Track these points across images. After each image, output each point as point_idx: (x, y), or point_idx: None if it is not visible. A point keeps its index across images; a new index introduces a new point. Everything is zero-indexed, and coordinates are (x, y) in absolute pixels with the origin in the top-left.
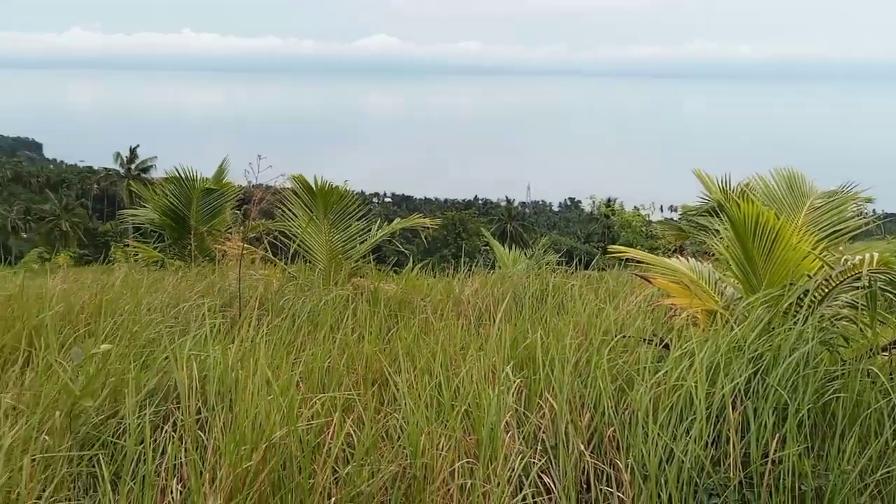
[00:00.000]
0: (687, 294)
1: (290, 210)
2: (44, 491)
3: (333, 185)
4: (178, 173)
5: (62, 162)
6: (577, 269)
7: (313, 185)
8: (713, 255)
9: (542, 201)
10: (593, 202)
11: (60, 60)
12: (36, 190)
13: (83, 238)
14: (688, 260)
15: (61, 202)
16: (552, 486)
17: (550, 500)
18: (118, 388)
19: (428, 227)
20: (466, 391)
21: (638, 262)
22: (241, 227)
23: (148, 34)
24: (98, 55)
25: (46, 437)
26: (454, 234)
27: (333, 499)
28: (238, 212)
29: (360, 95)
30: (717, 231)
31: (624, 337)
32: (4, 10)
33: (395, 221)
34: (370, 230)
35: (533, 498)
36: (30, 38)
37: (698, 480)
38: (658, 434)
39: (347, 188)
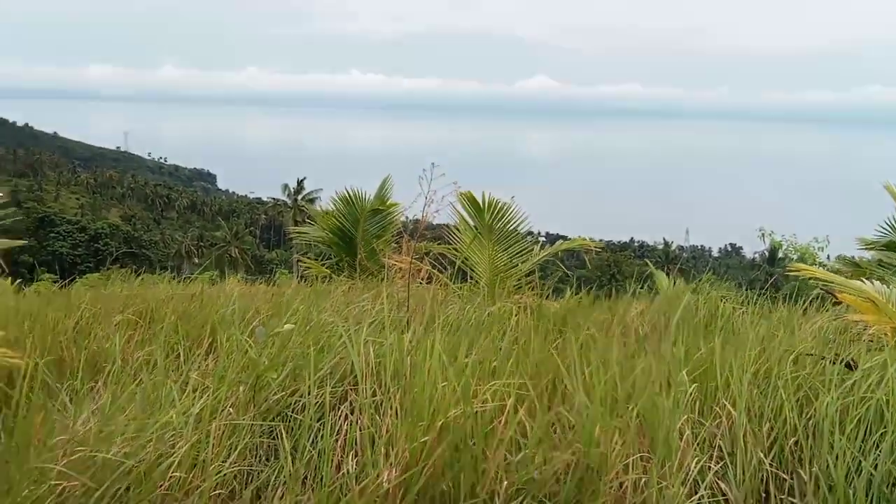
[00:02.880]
0: (875, 311)
1: (454, 230)
2: (228, 456)
3: (500, 202)
4: (348, 194)
5: (233, 193)
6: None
7: (480, 202)
8: None
9: (702, 246)
10: (762, 235)
11: (237, 97)
12: (209, 218)
13: (250, 264)
14: (872, 283)
15: (231, 230)
16: (728, 491)
17: None
18: (298, 368)
19: (592, 250)
20: (640, 393)
21: (820, 280)
22: (408, 244)
23: (318, 74)
24: (271, 93)
25: (231, 410)
26: (608, 275)
27: (505, 483)
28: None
29: (518, 135)
30: None
31: (807, 355)
32: (188, 49)
33: (557, 243)
34: (533, 250)
35: (708, 501)
36: (210, 76)
37: (889, 496)
38: (845, 446)
39: (513, 206)
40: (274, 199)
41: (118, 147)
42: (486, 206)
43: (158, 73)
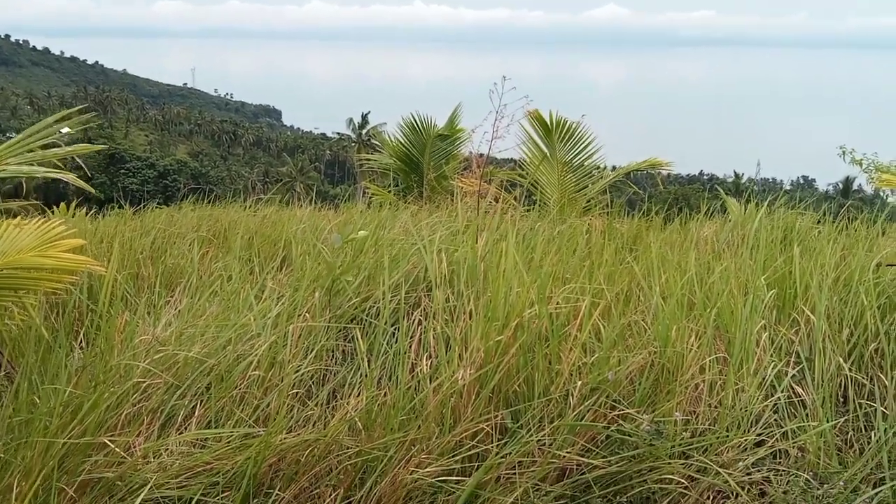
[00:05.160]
0: None
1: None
2: (304, 357)
3: (569, 121)
4: (414, 120)
5: (298, 129)
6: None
7: (548, 121)
8: None
9: (773, 179)
10: (843, 153)
11: (300, 31)
12: (274, 154)
13: (315, 199)
14: None
15: (297, 166)
16: (805, 395)
17: (804, 407)
18: (372, 274)
19: (662, 171)
20: (717, 297)
21: None
22: (477, 165)
23: (382, 6)
24: (335, 26)
25: (306, 315)
26: (677, 209)
27: (579, 383)
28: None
29: (586, 67)
30: None
31: (888, 265)
32: None
33: (628, 163)
34: (602, 170)
35: (786, 405)
36: (274, 10)
37: None
38: None
39: (582, 125)
40: (339, 133)
41: (185, 83)
42: (555, 125)
43: (224, 7)
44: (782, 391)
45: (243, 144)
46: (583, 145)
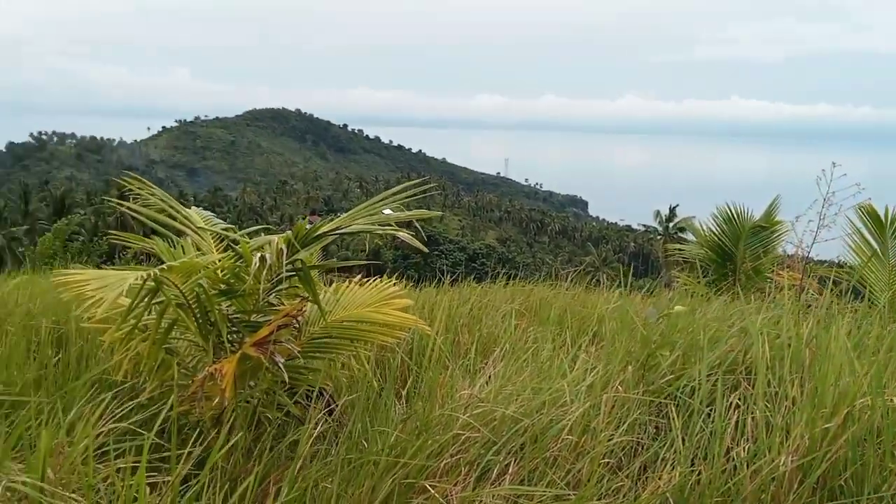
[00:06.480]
0: None
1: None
2: (617, 428)
3: None
4: (729, 210)
5: (604, 219)
6: None
7: (882, 216)
8: None
9: None
10: None
11: (611, 125)
12: (578, 243)
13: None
14: None
15: (601, 256)
16: None
17: None
18: (688, 352)
19: None
20: None
21: None
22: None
23: (696, 101)
24: (646, 120)
25: (619, 386)
26: None
27: None
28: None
29: None
30: None
31: None
32: (567, 79)
33: None
34: None
35: None
36: (587, 104)
37: None
38: None
39: None
40: (644, 225)
41: (498, 173)
42: (890, 221)
43: (538, 103)
44: None
45: (549, 233)
46: None
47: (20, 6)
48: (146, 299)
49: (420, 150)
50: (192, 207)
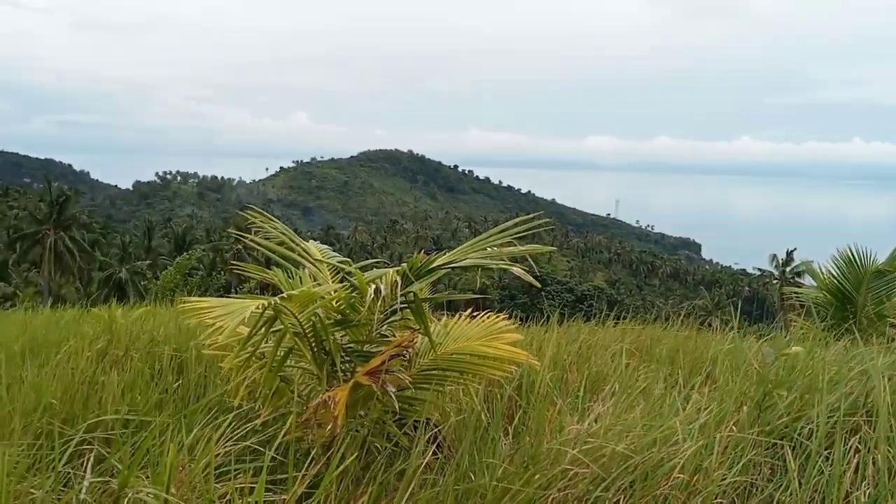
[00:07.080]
0: None
1: None
2: (730, 468)
3: None
4: (851, 253)
5: (717, 263)
6: None
7: None
8: None
9: None
10: None
11: (727, 167)
12: (690, 287)
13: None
14: None
15: (713, 300)
16: None
17: None
18: (805, 393)
19: None
20: None
21: None
22: None
23: (817, 143)
24: (762, 162)
25: (733, 426)
26: None
27: None
28: None
29: None
30: None
31: None
32: (681, 120)
33: None
34: None
35: None
36: (701, 146)
37: None
38: None
39: None
40: (759, 269)
41: (608, 214)
42: None
43: (651, 144)
44: None
45: (660, 275)
46: None
47: (160, 53)
48: (265, 327)
49: (529, 191)
50: (310, 241)
